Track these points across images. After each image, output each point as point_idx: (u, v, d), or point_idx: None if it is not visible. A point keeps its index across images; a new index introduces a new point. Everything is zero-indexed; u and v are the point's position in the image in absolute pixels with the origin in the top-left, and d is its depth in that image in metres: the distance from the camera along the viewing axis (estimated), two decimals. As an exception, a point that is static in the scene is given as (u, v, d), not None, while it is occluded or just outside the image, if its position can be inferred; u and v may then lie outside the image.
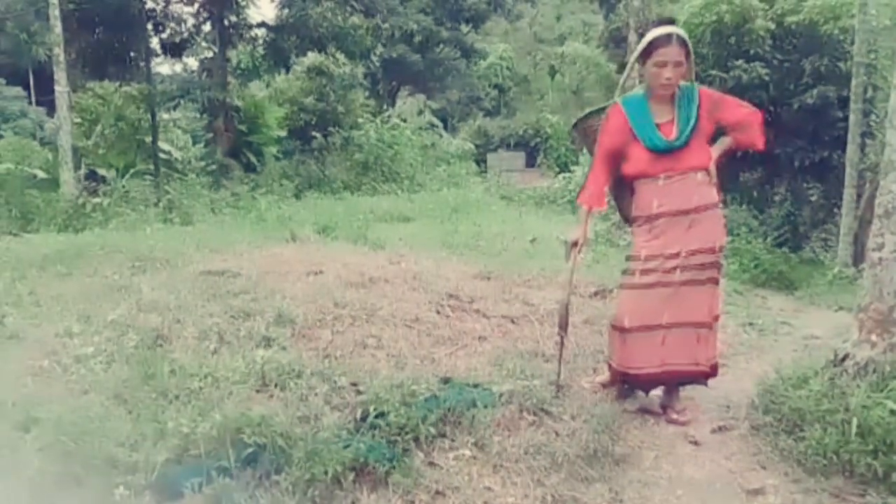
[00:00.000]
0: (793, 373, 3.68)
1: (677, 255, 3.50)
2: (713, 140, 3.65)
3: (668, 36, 3.48)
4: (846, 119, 8.76)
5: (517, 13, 36.86)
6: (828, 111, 9.65)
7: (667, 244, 3.52)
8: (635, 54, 3.64)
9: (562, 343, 3.78)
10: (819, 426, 3.21)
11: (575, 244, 3.70)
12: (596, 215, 3.84)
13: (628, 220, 3.87)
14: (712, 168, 3.55)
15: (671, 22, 3.67)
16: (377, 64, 24.84)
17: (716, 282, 3.63)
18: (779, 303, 6.83)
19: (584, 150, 4.17)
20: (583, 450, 3.16)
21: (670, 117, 3.54)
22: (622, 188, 3.79)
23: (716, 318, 3.70)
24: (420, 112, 22.85)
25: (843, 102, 9.07)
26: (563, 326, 3.76)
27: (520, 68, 36.54)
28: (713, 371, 3.71)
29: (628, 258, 3.68)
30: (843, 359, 3.62)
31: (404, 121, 20.86)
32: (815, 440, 3.16)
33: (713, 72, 9.79)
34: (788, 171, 10.24)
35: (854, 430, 3.08)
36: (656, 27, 3.60)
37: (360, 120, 19.49)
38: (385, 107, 23.43)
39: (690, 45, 3.55)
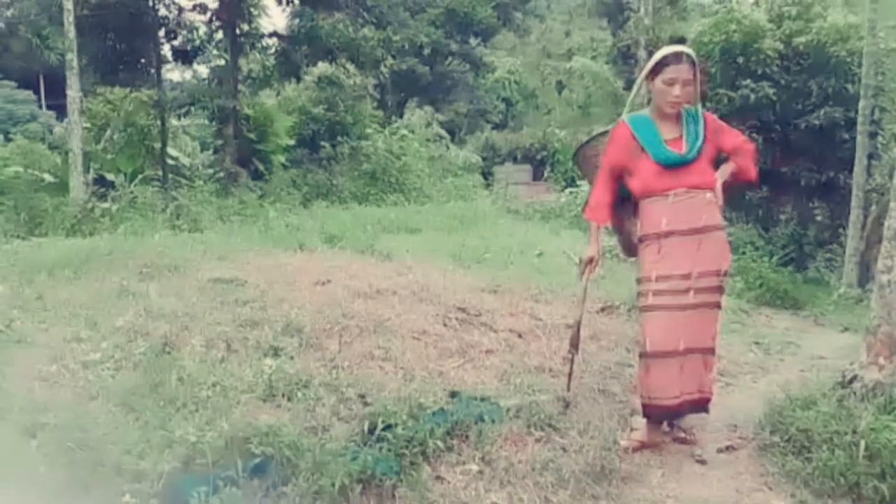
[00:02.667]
0: (800, 393, 3.68)
1: (689, 275, 3.46)
2: (715, 167, 3.65)
3: (679, 54, 3.52)
4: (853, 140, 8.77)
5: (526, 28, 36.95)
6: (835, 132, 9.67)
7: (677, 264, 3.47)
8: (645, 71, 3.65)
9: (572, 361, 3.77)
10: (827, 448, 3.20)
11: (590, 261, 3.68)
12: (604, 230, 3.80)
13: (627, 249, 3.86)
14: (719, 190, 3.53)
15: (682, 41, 3.71)
16: (386, 75, 24.93)
17: (720, 306, 3.59)
18: (784, 322, 6.81)
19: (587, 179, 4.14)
20: (590, 467, 3.16)
21: (678, 134, 3.54)
22: (621, 216, 3.76)
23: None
24: (428, 124, 22.86)
25: (850, 124, 9.08)
26: (575, 345, 3.74)
27: (528, 82, 36.62)
28: (712, 395, 3.66)
29: (639, 280, 3.60)
30: (851, 381, 3.63)
31: (412, 132, 20.89)
32: (822, 462, 3.16)
33: (721, 91, 9.82)
34: (794, 191, 10.25)
35: (862, 452, 3.08)
36: (667, 46, 3.65)
37: (368, 130, 19.52)
38: (393, 118, 23.48)
39: (699, 66, 3.57)
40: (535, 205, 16.51)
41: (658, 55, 3.59)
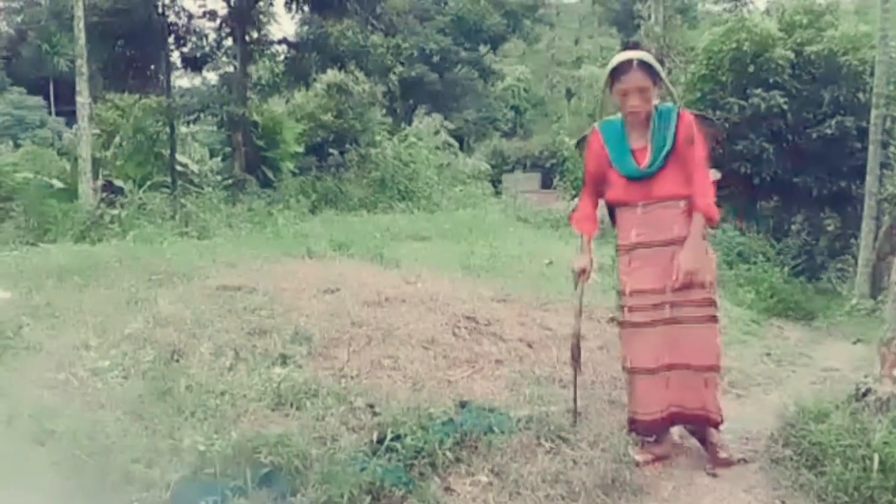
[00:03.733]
0: (813, 406, 3.64)
1: (662, 290, 3.32)
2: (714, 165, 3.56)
3: (629, 62, 3.36)
4: (865, 150, 8.75)
5: (535, 36, 37.12)
6: (846, 141, 9.64)
7: (648, 278, 3.35)
8: (603, 83, 3.53)
9: (575, 373, 3.68)
10: (840, 461, 3.16)
11: (583, 272, 3.57)
12: (597, 239, 3.70)
13: None
14: (691, 245, 3.28)
15: (635, 47, 3.63)
16: (395, 83, 25.00)
17: (714, 320, 3.41)
18: (796, 333, 6.77)
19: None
20: (600, 479, 3.12)
21: (644, 143, 3.41)
22: (614, 215, 3.66)
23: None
24: (437, 132, 22.91)
25: (862, 133, 9.06)
26: (576, 357, 3.64)
27: (537, 90, 36.71)
28: (722, 419, 3.47)
29: (618, 293, 3.52)
30: (865, 393, 3.58)
31: (420, 139, 20.93)
32: (835, 475, 3.11)
33: (732, 99, 9.81)
34: (806, 201, 10.23)
35: (876, 466, 3.04)
36: (619, 54, 3.54)
37: (377, 138, 19.57)
38: (402, 125, 23.54)
39: (658, 66, 3.42)
40: (545, 213, 16.51)
41: (609, 65, 3.46)
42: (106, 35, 14.91)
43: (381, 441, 3.10)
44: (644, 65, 3.35)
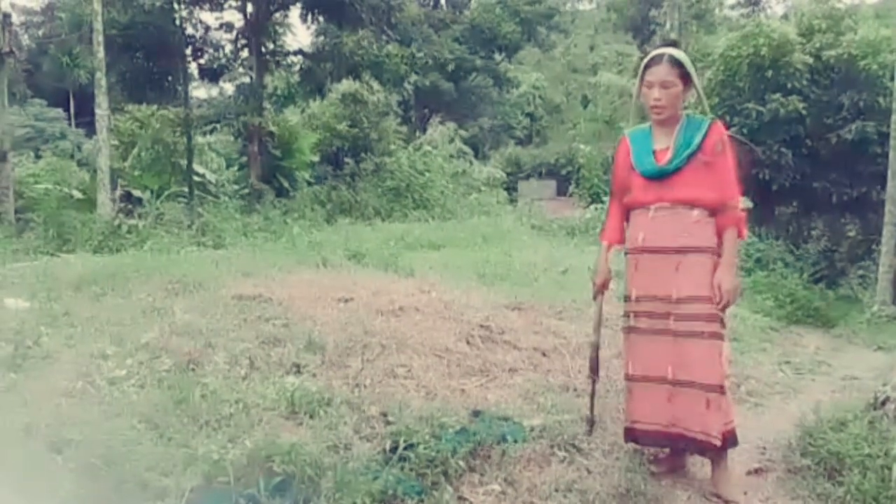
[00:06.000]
0: (832, 415, 3.60)
1: (667, 298, 3.22)
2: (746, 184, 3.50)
3: (660, 56, 3.29)
4: (885, 155, 8.65)
5: (551, 43, 37.10)
6: (866, 146, 9.54)
7: (654, 285, 3.26)
8: (638, 79, 3.43)
9: (593, 385, 3.65)
10: (858, 471, 3.13)
11: (602, 284, 3.53)
12: (618, 251, 3.54)
13: None
14: (720, 278, 3.17)
15: (673, 44, 3.49)
16: (410, 91, 25.09)
17: (720, 337, 3.23)
18: (815, 340, 6.70)
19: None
20: (615, 488, 3.11)
21: (668, 144, 3.31)
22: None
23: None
24: (451, 140, 22.95)
25: (883, 138, 8.96)
26: (594, 369, 3.59)
27: (552, 97, 36.64)
28: (727, 441, 3.24)
29: (624, 298, 3.43)
30: (884, 402, 3.55)
31: (435, 148, 20.98)
32: (854, 485, 3.08)
33: (749, 105, 9.75)
34: (826, 206, 10.13)
35: (894, 476, 3.00)
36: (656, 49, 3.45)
37: (392, 147, 19.64)
38: (417, 134, 23.61)
39: (690, 67, 3.30)
40: (560, 220, 16.45)
41: (645, 60, 3.39)
42: (125, 48, 15.12)
43: (394, 450, 3.10)
44: (674, 61, 3.27)
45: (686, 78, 3.28)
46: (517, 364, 4.63)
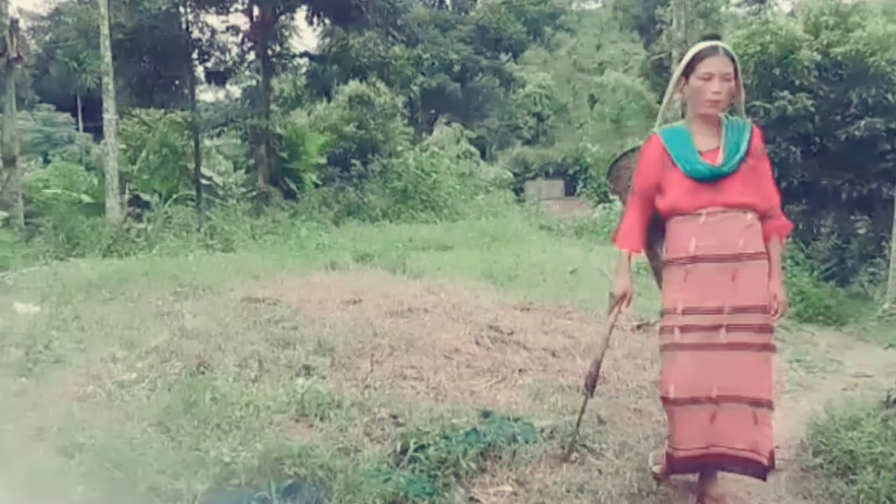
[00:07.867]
0: (844, 413, 3.58)
1: (720, 310, 2.97)
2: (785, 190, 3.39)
3: (714, 48, 3.09)
4: (895, 151, 8.59)
5: (556, 42, 37.05)
6: (876, 143, 9.47)
7: (706, 296, 2.99)
8: (677, 72, 3.20)
9: (585, 402, 3.41)
10: (871, 469, 3.12)
11: (623, 297, 3.22)
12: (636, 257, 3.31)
13: (658, 277, 3.32)
14: (772, 293, 3.08)
15: (717, 38, 3.32)
16: (417, 93, 25.10)
17: (772, 349, 3.08)
18: (826, 338, 6.66)
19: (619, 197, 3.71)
20: (626, 489, 3.10)
21: (716, 145, 3.06)
22: (651, 240, 3.29)
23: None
24: (458, 141, 22.96)
25: (892, 134, 8.91)
26: (590, 387, 3.34)
27: (559, 97, 36.57)
28: (772, 462, 3.04)
29: (663, 313, 3.12)
30: (896, 400, 3.52)
31: (441, 149, 20.99)
32: (867, 484, 3.07)
33: (758, 103, 9.68)
34: (835, 204, 10.04)
35: (909, 474, 2.98)
36: (700, 42, 3.28)
37: (399, 148, 19.66)
38: (423, 135, 23.62)
39: (739, 63, 3.12)
40: (568, 220, 16.42)
41: (691, 52, 3.15)
42: (131, 52, 15.15)
43: (404, 451, 3.10)
44: (729, 54, 3.08)
45: (737, 73, 3.11)
46: (527, 364, 4.62)
